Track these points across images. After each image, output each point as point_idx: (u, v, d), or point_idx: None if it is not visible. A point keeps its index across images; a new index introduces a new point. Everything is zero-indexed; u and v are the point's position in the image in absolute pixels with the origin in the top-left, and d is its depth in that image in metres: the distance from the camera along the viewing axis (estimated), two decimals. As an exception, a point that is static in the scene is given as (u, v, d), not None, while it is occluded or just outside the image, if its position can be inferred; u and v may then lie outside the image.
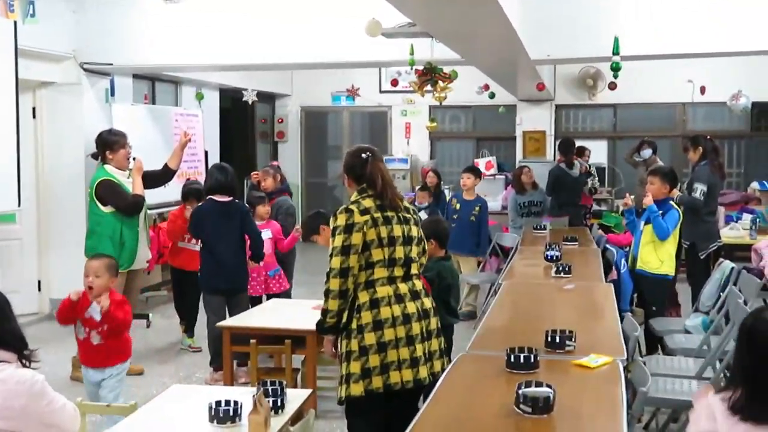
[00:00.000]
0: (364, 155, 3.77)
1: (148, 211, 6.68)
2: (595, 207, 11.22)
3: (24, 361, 2.86)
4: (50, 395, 2.86)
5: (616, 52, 5.86)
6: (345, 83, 13.02)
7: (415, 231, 3.78)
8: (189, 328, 7.13)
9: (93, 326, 4.46)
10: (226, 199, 6.02)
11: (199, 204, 6.22)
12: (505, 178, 11.60)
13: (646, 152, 9.82)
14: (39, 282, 8.21)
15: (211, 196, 6.02)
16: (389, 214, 3.67)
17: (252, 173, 8.25)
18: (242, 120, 12.77)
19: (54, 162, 8.14)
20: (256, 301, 6.51)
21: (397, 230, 3.67)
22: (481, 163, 11.92)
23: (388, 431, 3.63)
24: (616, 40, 5.90)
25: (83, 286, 4.44)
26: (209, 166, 10.15)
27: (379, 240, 3.60)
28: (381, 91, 13.00)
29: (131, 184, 6.19)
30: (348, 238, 3.56)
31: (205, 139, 10.04)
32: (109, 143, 6.22)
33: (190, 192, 6.82)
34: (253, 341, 5.09)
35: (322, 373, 5.41)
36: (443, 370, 3.69)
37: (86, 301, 4.42)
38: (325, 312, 3.66)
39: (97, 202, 6.11)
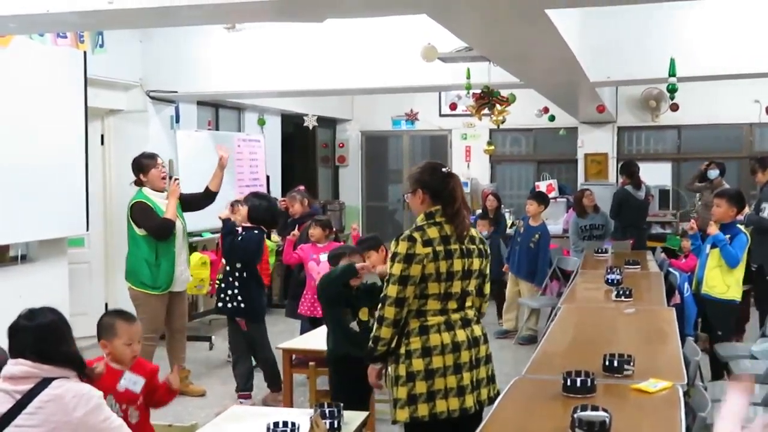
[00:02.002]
0: (444, 170, 3.67)
1: (212, 235, 6.80)
2: (658, 230, 11.06)
3: (84, 378, 2.96)
4: (107, 413, 2.95)
5: (672, 74, 5.78)
6: (405, 107, 13.10)
7: (476, 264, 3.64)
8: None
9: (131, 401, 3.55)
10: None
11: (260, 233, 6.17)
12: (567, 201, 11.50)
13: (713, 173, 9.65)
14: (106, 305, 8.40)
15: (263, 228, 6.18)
16: (452, 247, 3.54)
17: (279, 200, 8.37)
18: (304, 145, 12.94)
19: (121, 187, 8.33)
20: (319, 322, 6.57)
21: (458, 264, 3.54)
22: (542, 186, 11.84)
23: None
24: (672, 61, 5.82)
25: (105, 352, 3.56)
26: (270, 191, 10.32)
27: (437, 274, 3.50)
28: (441, 115, 13.03)
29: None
30: (407, 269, 3.46)
31: (267, 164, 10.20)
32: (141, 166, 6.29)
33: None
34: (311, 364, 5.13)
35: (380, 396, 5.41)
36: (489, 397, 3.64)
37: (113, 372, 3.51)
38: (377, 339, 3.56)
39: (133, 225, 6.19)
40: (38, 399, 2.81)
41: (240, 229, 6.07)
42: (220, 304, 6.09)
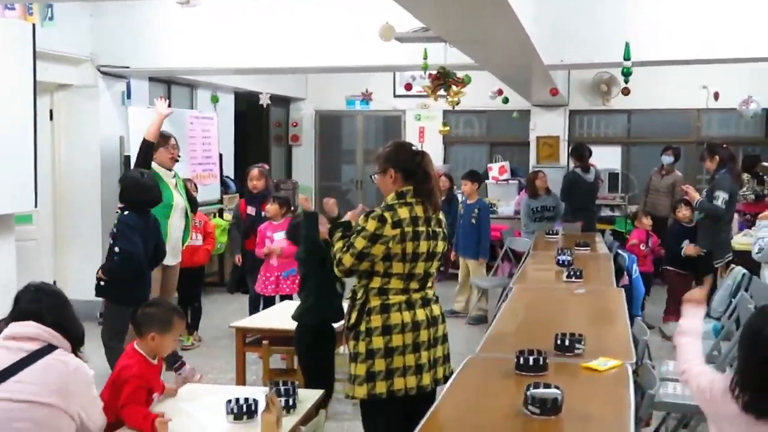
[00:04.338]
0: (415, 148, 3.73)
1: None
2: (607, 213, 11.22)
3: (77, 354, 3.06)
4: (95, 392, 3.08)
5: (627, 57, 5.87)
6: (359, 87, 13.04)
7: (440, 247, 3.71)
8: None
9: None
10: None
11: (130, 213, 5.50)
12: (519, 183, 11.60)
13: (668, 159, 9.81)
14: (54, 282, 8.27)
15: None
16: (420, 229, 3.58)
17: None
18: (257, 123, 12.83)
19: (70, 163, 8.22)
20: (269, 301, 6.57)
21: (423, 246, 3.59)
22: (494, 168, 11.92)
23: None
24: (627, 45, 5.91)
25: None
26: (223, 169, 10.23)
27: (403, 255, 3.54)
28: (395, 96, 13.01)
29: (175, 186, 6.32)
30: (369, 247, 3.50)
31: (220, 142, 10.10)
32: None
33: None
34: (265, 342, 5.13)
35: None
36: (445, 376, 3.71)
37: (155, 368, 3.65)
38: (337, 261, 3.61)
39: None
40: (45, 360, 2.89)
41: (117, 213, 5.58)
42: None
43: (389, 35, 6.42)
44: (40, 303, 3.02)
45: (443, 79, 7.11)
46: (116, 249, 5.34)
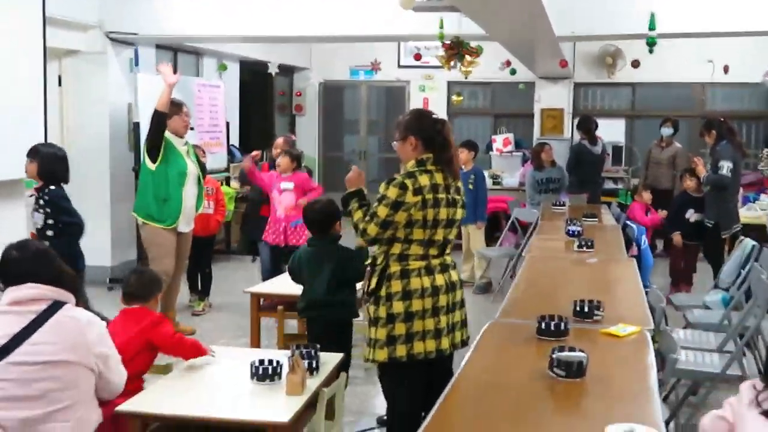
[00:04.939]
0: (435, 116, 3.77)
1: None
2: (610, 185, 11.25)
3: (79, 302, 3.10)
4: (111, 342, 3.11)
5: (652, 28, 5.88)
6: (364, 57, 12.99)
7: (459, 214, 3.75)
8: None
9: None
10: None
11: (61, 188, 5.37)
12: (523, 155, 11.62)
13: (667, 131, 9.82)
14: (63, 249, 8.30)
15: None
16: (440, 196, 3.62)
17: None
18: (261, 92, 12.80)
19: (79, 130, 8.21)
20: (276, 250, 6.74)
21: (443, 213, 3.64)
22: (498, 140, 11.94)
23: (427, 395, 3.60)
24: (653, 15, 5.92)
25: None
26: (229, 137, 10.21)
27: (424, 222, 3.58)
28: (399, 66, 12.99)
29: (187, 154, 6.33)
30: (392, 215, 3.54)
31: (226, 111, 10.08)
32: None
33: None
34: (280, 308, 5.17)
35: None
36: (462, 340, 3.80)
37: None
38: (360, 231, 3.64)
39: (146, 158, 6.19)
40: (55, 318, 2.92)
41: (37, 193, 5.38)
42: None
43: (409, 4, 6.39)
44: (29, 263, 3.01)
45: (457, 49, 7.11)
46: (60, 224, 5.23)
